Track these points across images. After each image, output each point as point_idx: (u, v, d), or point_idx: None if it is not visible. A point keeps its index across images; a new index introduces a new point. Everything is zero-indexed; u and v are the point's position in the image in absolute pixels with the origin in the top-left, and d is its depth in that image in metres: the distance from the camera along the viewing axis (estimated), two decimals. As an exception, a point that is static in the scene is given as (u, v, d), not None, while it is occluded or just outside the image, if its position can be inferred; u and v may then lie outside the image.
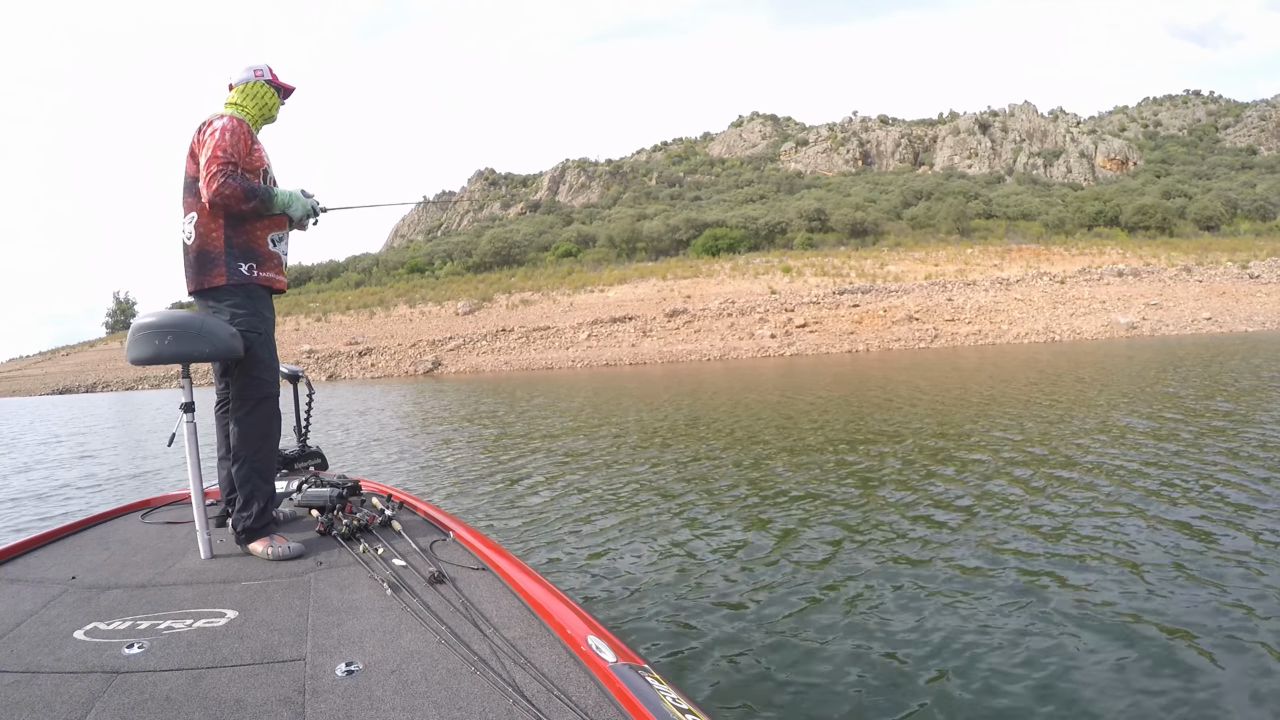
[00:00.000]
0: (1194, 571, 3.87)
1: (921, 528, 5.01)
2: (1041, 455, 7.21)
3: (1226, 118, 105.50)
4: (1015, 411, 10.51)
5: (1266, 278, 44.34)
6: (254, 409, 3.13)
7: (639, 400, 16.68)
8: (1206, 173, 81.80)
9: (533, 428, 12.12)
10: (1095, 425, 8.80)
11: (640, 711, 1.55)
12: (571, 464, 8.33)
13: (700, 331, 43.56)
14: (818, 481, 6.67)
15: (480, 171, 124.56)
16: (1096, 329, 37.56)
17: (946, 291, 45.71)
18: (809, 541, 4.87)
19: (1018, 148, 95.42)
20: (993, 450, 7.61)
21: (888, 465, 7.20)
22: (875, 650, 3.20)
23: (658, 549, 4.88)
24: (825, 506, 5.74)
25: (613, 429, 11.35)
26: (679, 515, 5.74)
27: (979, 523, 5.07)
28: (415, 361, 45.43)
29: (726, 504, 6.05)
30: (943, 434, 8.88)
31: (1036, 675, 2.92)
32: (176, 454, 11.00)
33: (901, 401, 12.73)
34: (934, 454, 7.62)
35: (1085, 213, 62.82)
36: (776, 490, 6.40)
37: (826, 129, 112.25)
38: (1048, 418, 9.65)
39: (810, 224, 64.73)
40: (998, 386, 14.52)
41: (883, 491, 6.14)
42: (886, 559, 4.40)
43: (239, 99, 3.31)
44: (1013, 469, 6.68)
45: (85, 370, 59.68)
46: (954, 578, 4.02)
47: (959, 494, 5.90)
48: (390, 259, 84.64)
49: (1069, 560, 4.17)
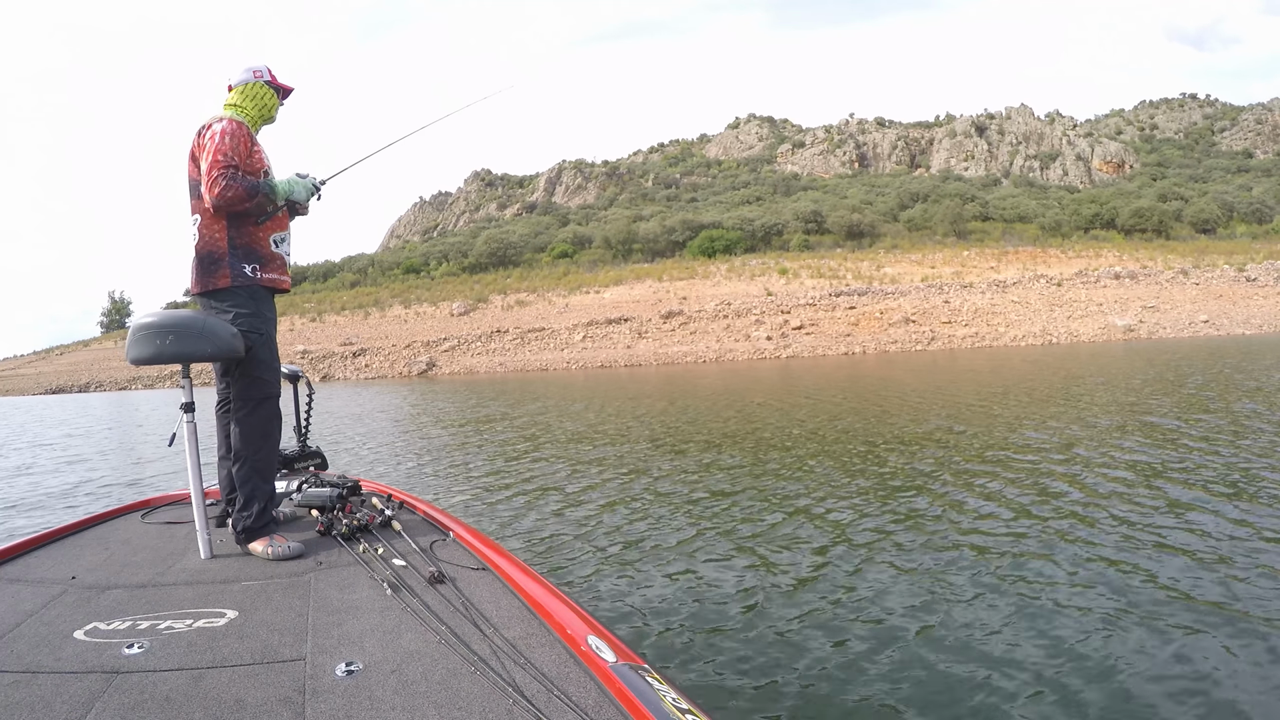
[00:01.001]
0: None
1: (924, 530, 4.94)
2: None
3: (1223, 121, 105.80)
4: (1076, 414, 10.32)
5: (1263, 281, 44.30)
6: (255, 409, 3.14)
7: (638, 402, 16.48)
8: (1203, 176, 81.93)
9: (542, 432, 11.91)
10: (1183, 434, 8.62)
11: (640, 711, 1.54)
12: (579, 467, 8.18)
13: (696, 333, 43.43)
14: (820, 482, 6.56)
15: (476, 172, 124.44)
16: (1094, 331, 37.49)
17: (943, 294, 45.59)
18: (809, 542, 4.83)
19: (1014, 150, 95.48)
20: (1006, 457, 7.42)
21: (892, 467, 7.09)
22: (876, 651, 3.18)
23: (658, 549, 4.84)
24: (829, 509, 5.65)
25: (620, 432, 11.18)
26: (679, 516, 5.70)
27: (991, 528, 4.93)
28: (409, 362, 45.30)
29: (726, 505, 5.97)
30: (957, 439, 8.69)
31: (1035, 675, 2.89)
32: (163, 460, 10.80)
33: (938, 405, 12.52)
34: (942, 459, 7.44)
35: (1082, 215, 62.87)
36: (779, 494, 6.28)
37: (823, 131, 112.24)
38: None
39: (807, 226, 64.67)
40: (1046, 387, 14.33)
41: (889, 493, 6.04)
42: (891, 562, 4.34)
43: (238, 100, 3.31)
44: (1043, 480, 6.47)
45: (79, 370, 59.58)
46: (954, 578, 3.99)
47: (961, 498, 5.75)
48: (386, 259, 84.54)
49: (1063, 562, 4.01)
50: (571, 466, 8.18)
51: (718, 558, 4.60)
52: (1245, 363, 17.20)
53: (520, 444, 10.29)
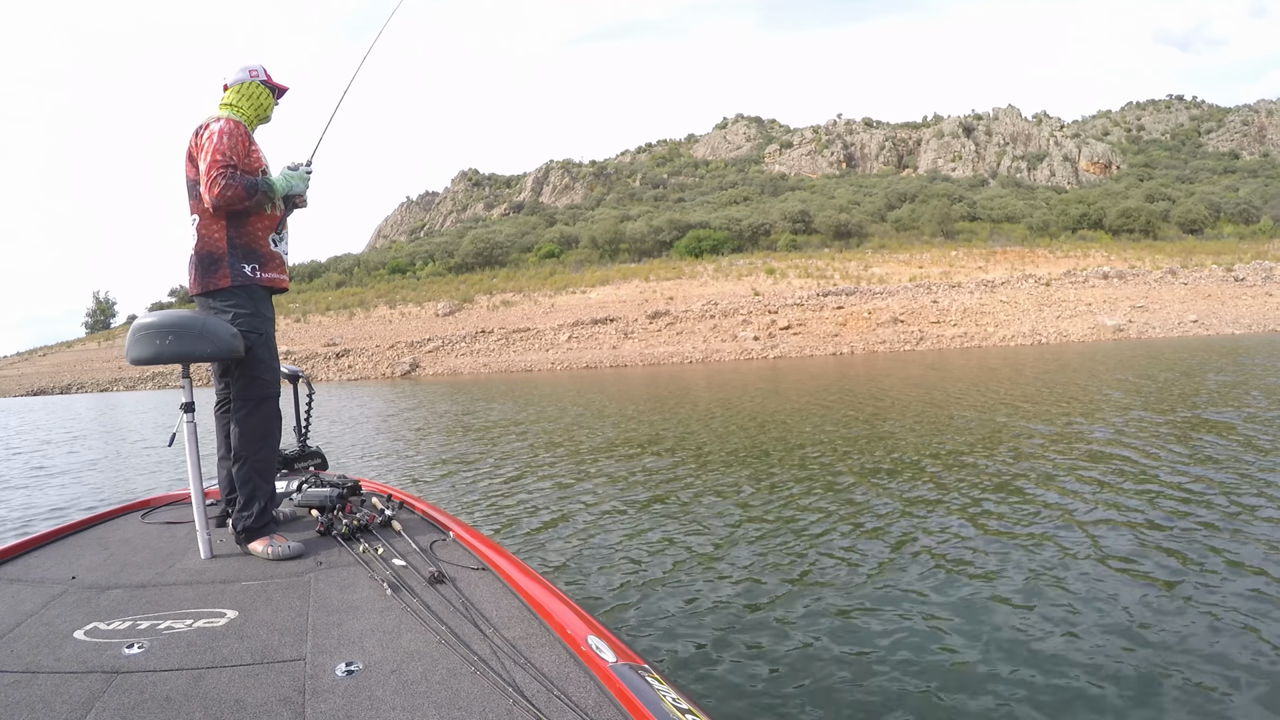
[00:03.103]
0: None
1: (927, 531, 4.92)
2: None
3: (1209, 122, 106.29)
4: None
5: (1251, 280, 44.18)
6: (255, 409, 3.13)
7: (628, 403, 16.01)
8: (1189, 177, 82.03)
9: (535, 431, 11.40)
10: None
11: (640, 711, 1.54)
12: (569, 464, 8.23)
13: (682, 333, 42.95)
14: (820, 484, 6.54)
15: (464, 172, 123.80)
16: (1083, 331, 37.22)
17: (931, 293, 45.25)
18: (809, 542, 4.82)
19: (1001, 151, 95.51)
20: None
21: (899, 469, 7.00)
22: (875, 652, 3.18)
23: (658, 550, 4.84)
24: (829, 509, 5.64)
25: (616, 433, 10.86)
26: (679, 517, 5.69)
27: (991, 525, 4.87)
28: (393, 363, 44.73)
29: (726, 506, 5.94)
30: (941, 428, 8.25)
31: (1038, 680, 2.89)
32: (150, 470, 10.21)
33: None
34: (941, 455, 7.25)
35: (1069, 215, 62.70)
36: (779, 494, 6.25)
37: (811, 131, 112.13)
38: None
39: (794, 226, 64.31)
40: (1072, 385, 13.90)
41: (892, 494, 6.00)
42: (891, 562, 4.34)
43: (234, 100, 3.28)
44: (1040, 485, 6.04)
45: (61, 371, 58.93)
46: (956, 580, 3.98)
47: (964, 495, 5.74)
48: (372, 259, 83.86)
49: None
50: (572, 467, 8.13)
51: (718, 558, 4.58)
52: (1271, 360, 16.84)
53: (523, 451, 9.83)
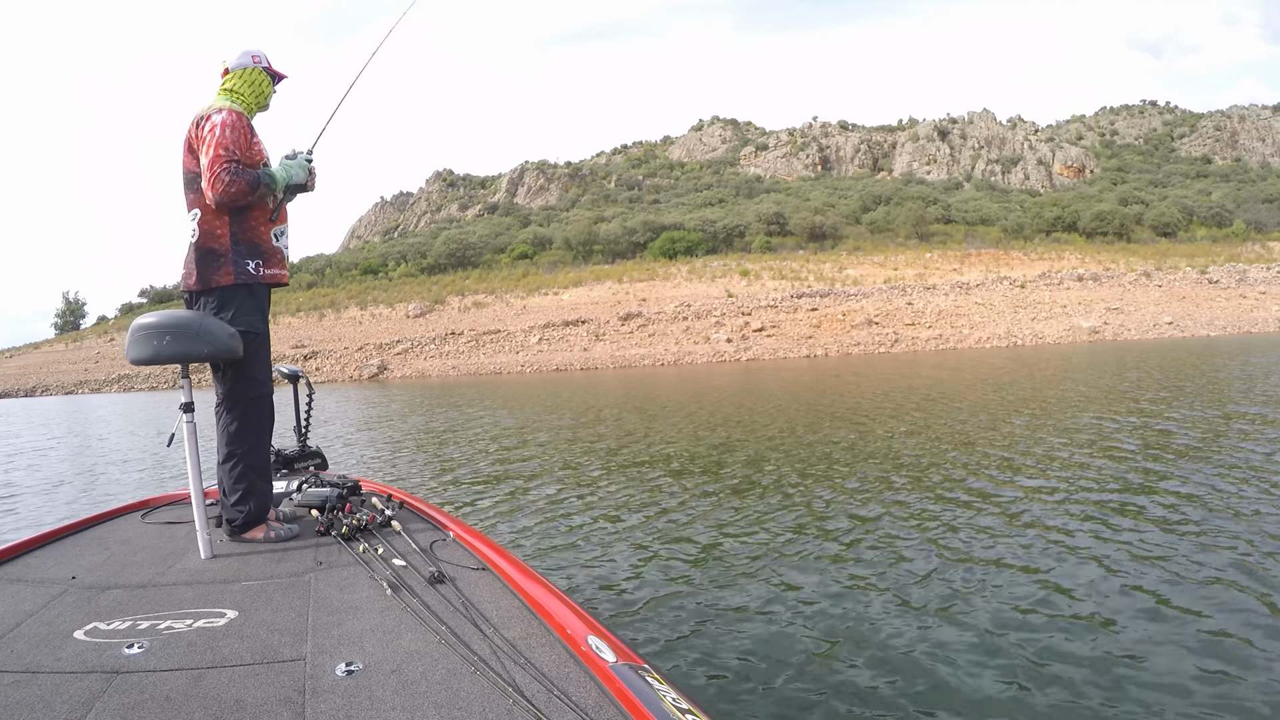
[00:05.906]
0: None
1: (928, 531, 4.93)
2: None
3: (1182, 127, 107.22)
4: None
5: (1225, 283, 44.30)
6: (249, 407, 3.10)
7: (615, 405, 15.27)
8: (1163, 181, 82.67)
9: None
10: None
11: (640, 711, 1.54)
12: (558, 470, 8.19)
13: (655, 335, 42.20)
14: (820, 485, 6.55)
15: (438, 172, 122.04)
16: (1059, 333, 36.94)
17: (906, 295, 44.88)
18: (810, 542, 4.83)
19: (976, 154, 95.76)
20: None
21: (901, 468, 7.03)
22: (878, 652, 3.17)
23: (658, 550, 4.84)
24: (830, 509, 5.64)
25: (597, 436, 10.80)
26: (677, 518, 5.69)
27: (985, 524, 4.97)
28: (361, 366, 43.60)
29: (726, 507, 5.96)
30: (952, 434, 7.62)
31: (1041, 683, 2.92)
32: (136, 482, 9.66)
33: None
34: (940, 456, 7.34)
35: (1044, 218, 62.83)
36: (779, 494, 6.25)
37: (786, 134, 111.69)
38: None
39: (769, 227, 63.85)
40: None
41: (894, 495, 6.02)
42: (890, 562, 4.35)
43: (235, 85, 3.18)
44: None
45: (27, 373, 56.96)
46: (957, 581, 4.01)
47: (970, 498, 5.75)
48: (344, 260, 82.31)
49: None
50: (570, 467, 8.18)
51: (718, 558, 4.60)
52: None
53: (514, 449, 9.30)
